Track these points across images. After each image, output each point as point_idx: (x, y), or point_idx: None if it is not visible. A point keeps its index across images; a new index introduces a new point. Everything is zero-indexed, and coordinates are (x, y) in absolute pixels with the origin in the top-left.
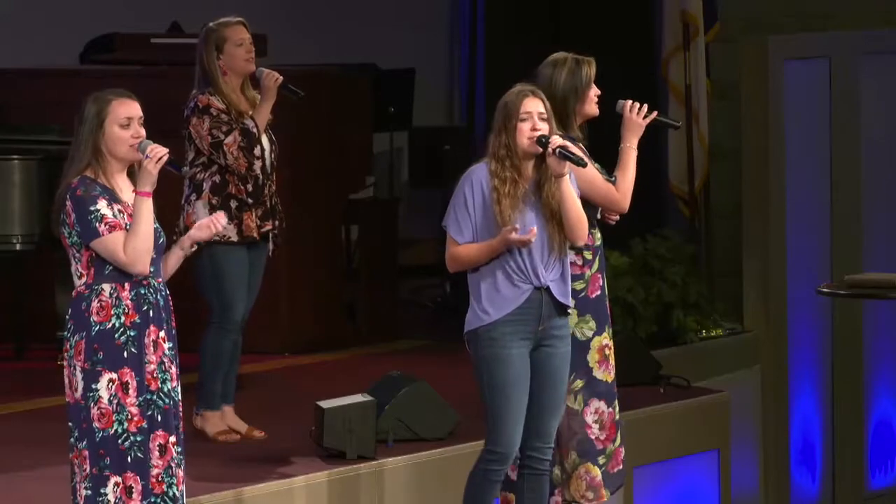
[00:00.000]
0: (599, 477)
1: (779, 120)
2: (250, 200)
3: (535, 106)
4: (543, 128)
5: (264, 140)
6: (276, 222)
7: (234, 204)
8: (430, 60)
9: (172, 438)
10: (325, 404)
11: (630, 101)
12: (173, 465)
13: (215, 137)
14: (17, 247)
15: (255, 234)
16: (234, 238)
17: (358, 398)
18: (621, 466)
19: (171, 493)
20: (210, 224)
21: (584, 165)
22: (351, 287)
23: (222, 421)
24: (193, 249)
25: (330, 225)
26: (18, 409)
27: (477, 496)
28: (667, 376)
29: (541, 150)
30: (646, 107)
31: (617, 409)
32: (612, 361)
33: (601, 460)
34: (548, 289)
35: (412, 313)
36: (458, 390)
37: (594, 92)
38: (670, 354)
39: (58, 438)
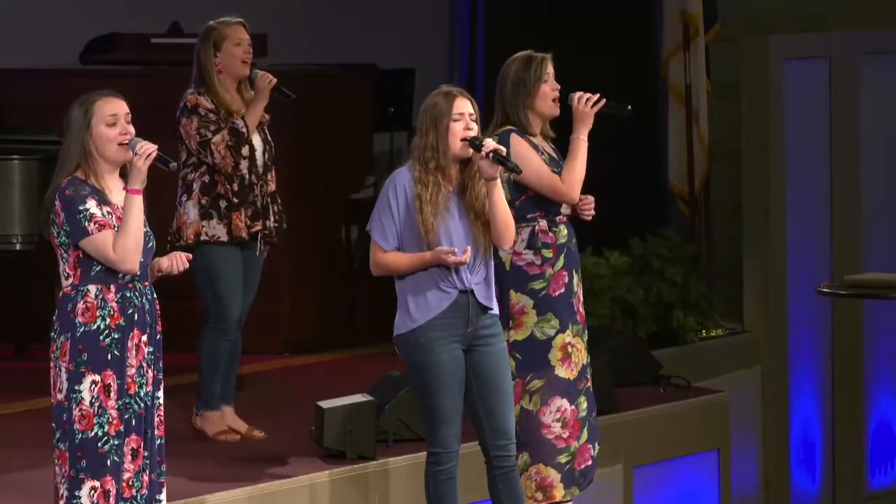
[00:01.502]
0: (552, 477)
1: (779, 120)
2: (236, 200)
3: (466, 107)
4: (475, 129)
5: (257, 140)
6: (269, 223)
7: (223, 204)
8: (430, 60)
9: (143, 443)
10: (325, 404)
11: (579, 93)
12: (141, 470)
13: (203, 136)
14: (17, 247)
15: (245, 235)
16: (224, 238)
17: (358, 398)
18: (590, 463)
19: (138, 497)
20: (173, 263)
21: (520, 172)
22: (351, 287)
23: (222, 421)
24: (160, 274)
25: (330, 225)
26: (18, 409)
27: (433, 498)
28: (667, 376)
29: (472, 152)
30: (595, 96)
31: (583, 405)
32: (575, 359)
33: (562, 459)
34: (472, 291)
35: None
36: None
37: (549, 87)
38: (670, 354)
39: None
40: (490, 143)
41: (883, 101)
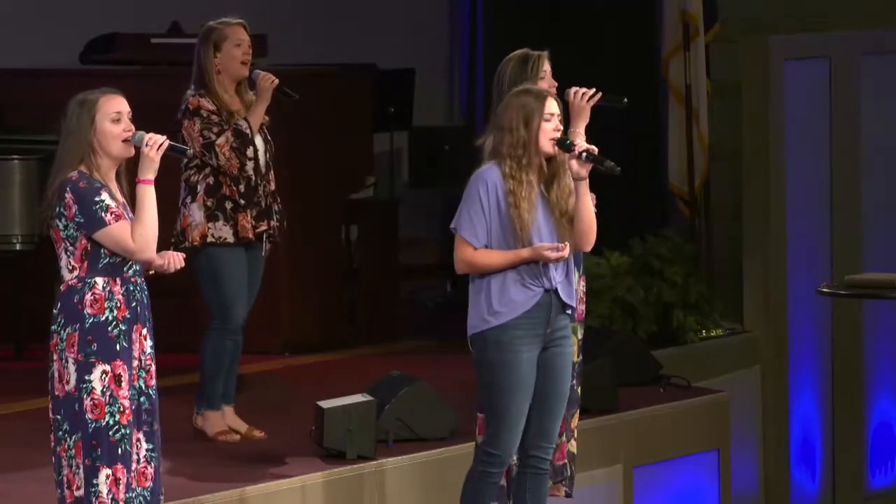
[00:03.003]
0: None
1: (779, 120)
2: (242, 201)
3: (555, 108)
4: (561, 129)
5: (258, 140)
6: (273, 222)
7: (229, 205)
8: (430, 60)
9: (139, 435)
10: (325, 404)
11: (574, 88)
12: (145, 461)
13: (206, 138)
14: (17, 247)
15: (251, 235)
16: (231, 240)
17: (358, 398)
18: (566, 461)
19: (137, 490)
20: (168, 262)
21: (618, 172)
22: (351, 287)
23: (222, 421)
24: (151, 273)
25: (330, 225)
26: (18, 409)
27: (474, 498)
28: (667, 376)
29: (558, 151)
30: (591, 91)
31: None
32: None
33: None
34: (556, 291)
35: (412, 313)
36: (458, 390)
37: (547, 84)
38: (670, 354)
39: None
40: (582, 144)
41: (883, 101)
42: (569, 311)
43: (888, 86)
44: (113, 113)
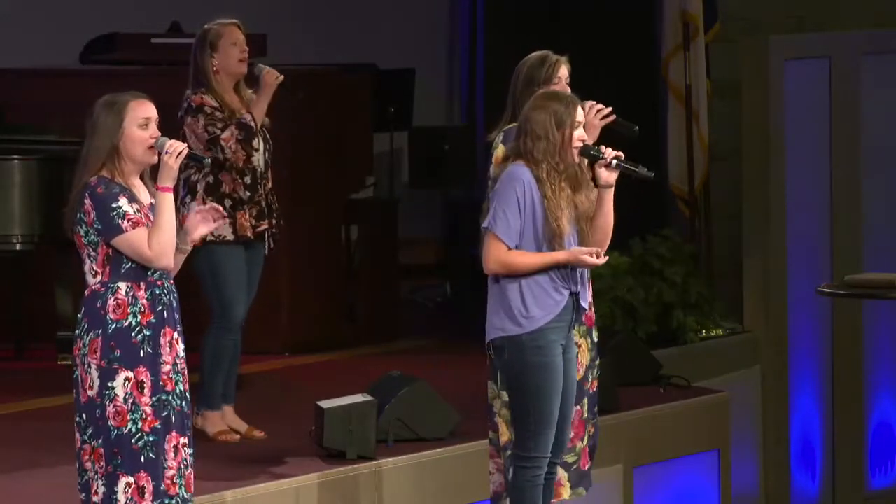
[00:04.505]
0: (559, 476)
1: (779, 120)
2: (248, 194)
3: (581, 115)
4: (584, 137)
5: (258, 140)
6: (273, 221)
7: (228, 203)
8: (430, 60)
9: (184, 440)
10: (325, 404)
11: (591, 102)
12: (183, 466)
13: (211, 133)
14: (17, 247)
15: (250, 234)
16: (230, 237)
17: (358, 398)
18: (591, 464)
19: (181, 495)
20: (205, 216)
21: (651, 177)
22: (351, 287)
23: (222, 421)
24: (190, 248)
25: (330, 225)
26: (18, 409)
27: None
28: (667, 376)
29: (580, 159)
30: (606, 109)
31: (586, 406)
32: (581, 359)
33: (569, 458)
34: (578, 294)
35: (412, 313)
36: (458, 390)
37: (560, 88)
38: (670, 354)
39: (59, 439)
40: (611, 151)
41: (883, 101)
42: (579, 316)
43: (888, 86)
44: (141, 118)
